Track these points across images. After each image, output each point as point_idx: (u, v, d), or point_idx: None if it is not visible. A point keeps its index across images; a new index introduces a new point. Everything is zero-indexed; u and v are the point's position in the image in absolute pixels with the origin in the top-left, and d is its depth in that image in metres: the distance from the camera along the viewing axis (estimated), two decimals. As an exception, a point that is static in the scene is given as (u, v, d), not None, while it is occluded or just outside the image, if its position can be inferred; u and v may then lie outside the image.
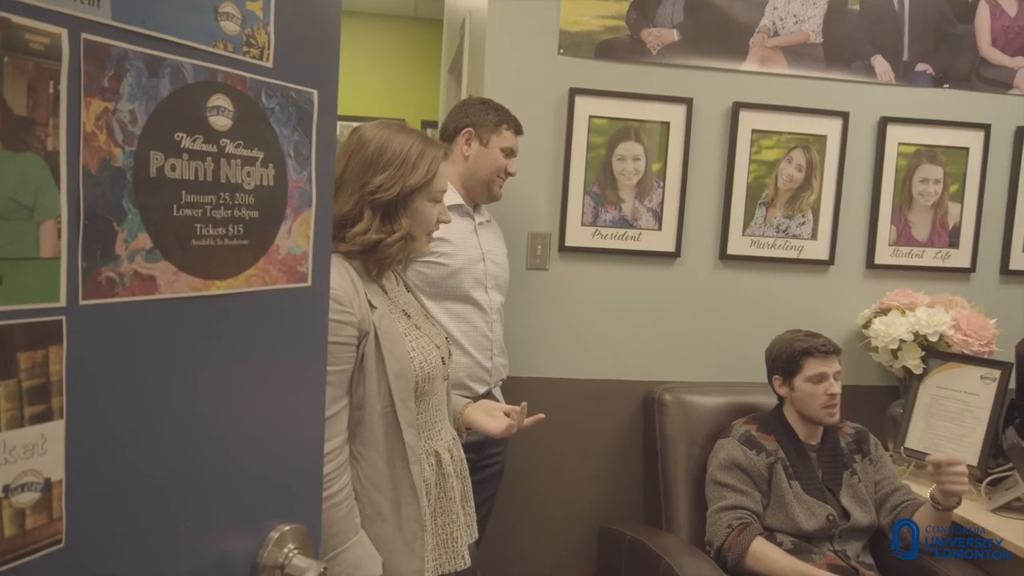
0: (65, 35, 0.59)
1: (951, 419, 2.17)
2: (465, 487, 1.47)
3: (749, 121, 2.39)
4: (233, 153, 0.74)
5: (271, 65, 0.78)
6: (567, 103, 2.29)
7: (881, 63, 2.46)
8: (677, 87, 2.35)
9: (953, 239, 2.54)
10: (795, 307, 2.44)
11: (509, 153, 2.03)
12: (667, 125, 2.35)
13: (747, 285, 2.45)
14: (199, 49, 0.70)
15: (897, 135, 2.48)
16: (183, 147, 0.69)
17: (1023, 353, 2.18)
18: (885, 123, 2.47)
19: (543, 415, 1.57)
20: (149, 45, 0.65)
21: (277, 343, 0.83)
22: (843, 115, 2.43)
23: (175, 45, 0.68)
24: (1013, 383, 2.15)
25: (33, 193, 0.57)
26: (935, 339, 2.26)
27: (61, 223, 0.59)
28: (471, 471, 1.51)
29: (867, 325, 2.41)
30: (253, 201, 0.77)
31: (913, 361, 2.28)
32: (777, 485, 1.93)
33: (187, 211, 0.70)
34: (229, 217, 0.75)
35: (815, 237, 2.46)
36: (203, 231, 0.72)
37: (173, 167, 0.69)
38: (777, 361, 2.05)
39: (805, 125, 2.42)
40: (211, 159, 0.72)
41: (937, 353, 2.27)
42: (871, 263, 2.50)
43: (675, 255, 2.39)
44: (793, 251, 2.45)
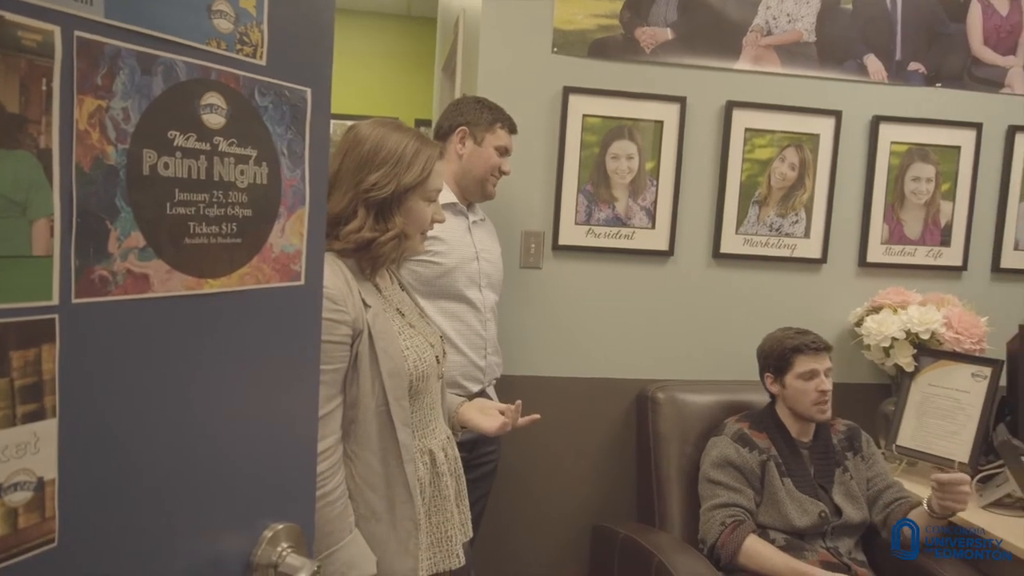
0: (58, 32, 0.58)
1: (942, 416, 2.18)
2: (459, 486, 1.47)
3: (742, 120, 2.39)
4: (226, 151, 0.74)
5: (264, 63, 0.78)
6: (561, 102, 2.29)
7: (874, 62, 2.47)
8: (670, 86, 2.35)
9: (945, 237, 2.55)
10: (788, 305, 2.45)
11: (503, 152, 2.03)
12: (660, 124, 2.35)
13: (740, 284, 2.46)
14: (192, 47, 0.70)
15: (889, 134, 2.49)
16: (176, 145, 0.69)
17: (1014, 351, 2.19)
18: (878, 122, 2.48)
19: (538, 415, 1.57)
20: (142, 43, 0.65)
21: (270, 342, 0.83)
22: (836, 114, 2.44)
23: (168, 43, 0.68)
24: (1004, 380, 2.17)
25: (26, 191, 0.57)
26: (927, 337, 2.27)
27: (54, 221, 0.59)
28: (465, 469, 1.51)
29: (859, 323, 2.42)
30: (246, 199, 0.77)
31: (905, 359, 2.29)
32: (770, 482, 1.94)
33: (180, 209, 0.70)
34: (222, 215, 0.74)
35: (808, 236, 2.47)
36: (196, 229, 0.72)
37: (166, 165, 0.68)
38: (768, 359, 2.06)
39: (798, 124, 2.43)
40: (204, 157, 0.72)
41: (929, 351, 2.28)
42: (863, 261, 2.52)
43: (668, 254, 2.40)
44: (786, 249, 2.46)
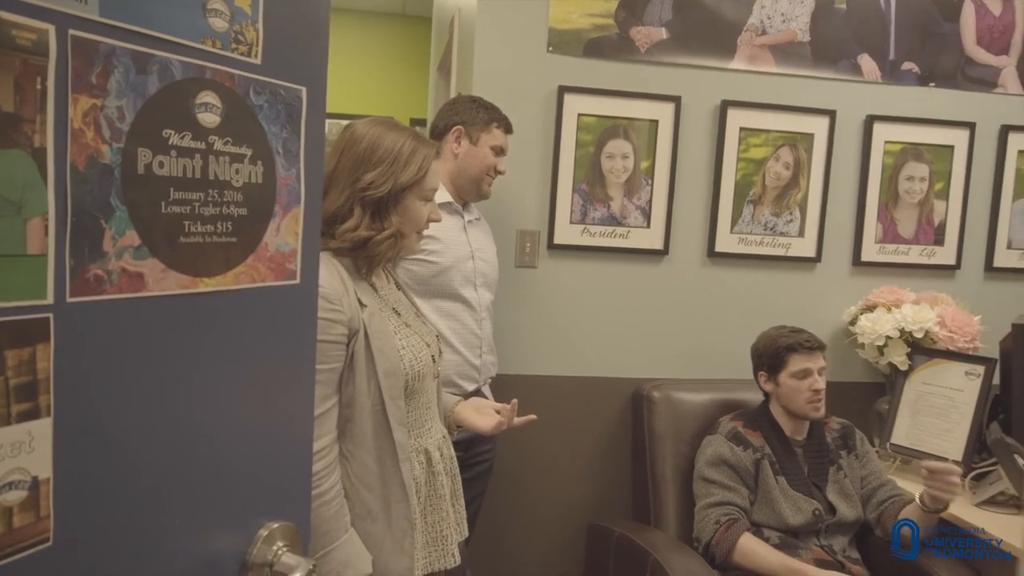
0: (52, 31, 0.58)
1: (936, 415, 2.19)
2: (455, 485, 1.47)
3: (737, 119, 2.40)
4: (221, 150, 0.74)
5: (260, 62, 0.78)
6: (556, 101, 2.29)
7: (868, 62, 2.47)
8: (665, 85, 2.35)
9: (938, 236, 2.56)
10: (782, 304, 2.46)
11: (499, 152, 2.03)
12: (655, 123, 2.35)
13: (735, 282, 2.46)
14: (187, 46, 0.70)
15: (883, 133, 2.49)
16: (171, 144, 0.69)
17: (1007, 349, 2.20)
18: (871, 121, 2.48)
19: (534, 416, 1.57)
20: (137, 41, 0.65)
21: (266, 341, 0.83)
22: (830, 113, 2.44)
23: (163, 41, 0.67)
24: (997, 379, 2.18)
25: (20, 190, 0.57)
26: (920, 336, 2.28)
27: (48, 220, 0.59)
28: (460, 469, 1.51)
29: (853, 322, 2.43)
30: (242, 198, 0.77)
31: (899, 357, 2.30)
32: (764, 481, 1.94)
33: (175, 208, 0.70)
34: (217, 214, 0.74)
35: (802, 235, 2.48)
36: (191, 228, 0.72)
37: (161, 164, 0.68)
38: (762, 357, 2.07)
39: (792, 123, 2.43)
40: (199, 156, 0.72)
41: (922, 349, 2.29)
42: (857, 260, 2.52)
43: (663, 253, 2.40)
44: (780, 248, 2.47)
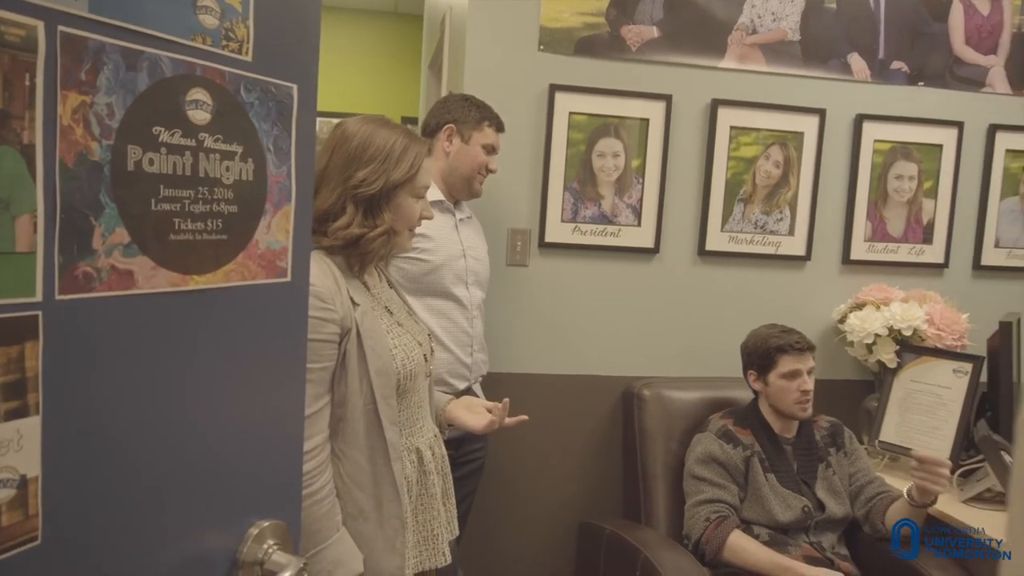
0: (41, 28, 0.58)
1: (924, 412, 2.20)
2: (446, 484, 1.47)
3: (727, 118, 2.41)
4: (212, 147, 0.74)
5: (250, 59, 0.78)
6: (547, 99, 2.29)
7: (857, 61, 2.49)
8: (656, 84, 2.36)
9: (927, 235, 2.58)
10: (772, 302, 2.47)
11: (490, 150, 2.03)
12: (646, 122, 2.36)
13: (725, 281, 2.47)
14: (177, 42, 0.70)
15: (873, 132, 2.51)
16: (161, 141, 0.69)
17: (994, 347, 2.22)
18: (861, 120, 2.50)
19: (526, 416, 1.57)
20: (126, 38, 0.65)
21: (256, 338, 0.83)
22: (820, 112, 2.46)
23: (153, 38, 0.67)
24: (985, 377, 2.19)
25: (8, 187, 0.57)
26: (909, 333, 2.30)
27: (37, 217, 0.59)
28: (451, 467, 1.51)
29: (843, 320, 2.44)
30: (232, 196, 0.77)
31: (887, 355, 2.31)
32: (753, 478, 1.95)
33: (165, 205, 0.70)
34: (208, 212, 0.74)
35: (792, 233, 2.49)
36: (181, 226, 0.72)
37: (151, 161, 0.68)
38: (752, 356, 2.07)
39: (783, 122, 2.44)
40: (190, 153, 0.72)
41: (911, 347, 2.30)
42: (847, 259, 2.54)
43: (654, 251, 2.41)
44: (771, 247, 2.48)
